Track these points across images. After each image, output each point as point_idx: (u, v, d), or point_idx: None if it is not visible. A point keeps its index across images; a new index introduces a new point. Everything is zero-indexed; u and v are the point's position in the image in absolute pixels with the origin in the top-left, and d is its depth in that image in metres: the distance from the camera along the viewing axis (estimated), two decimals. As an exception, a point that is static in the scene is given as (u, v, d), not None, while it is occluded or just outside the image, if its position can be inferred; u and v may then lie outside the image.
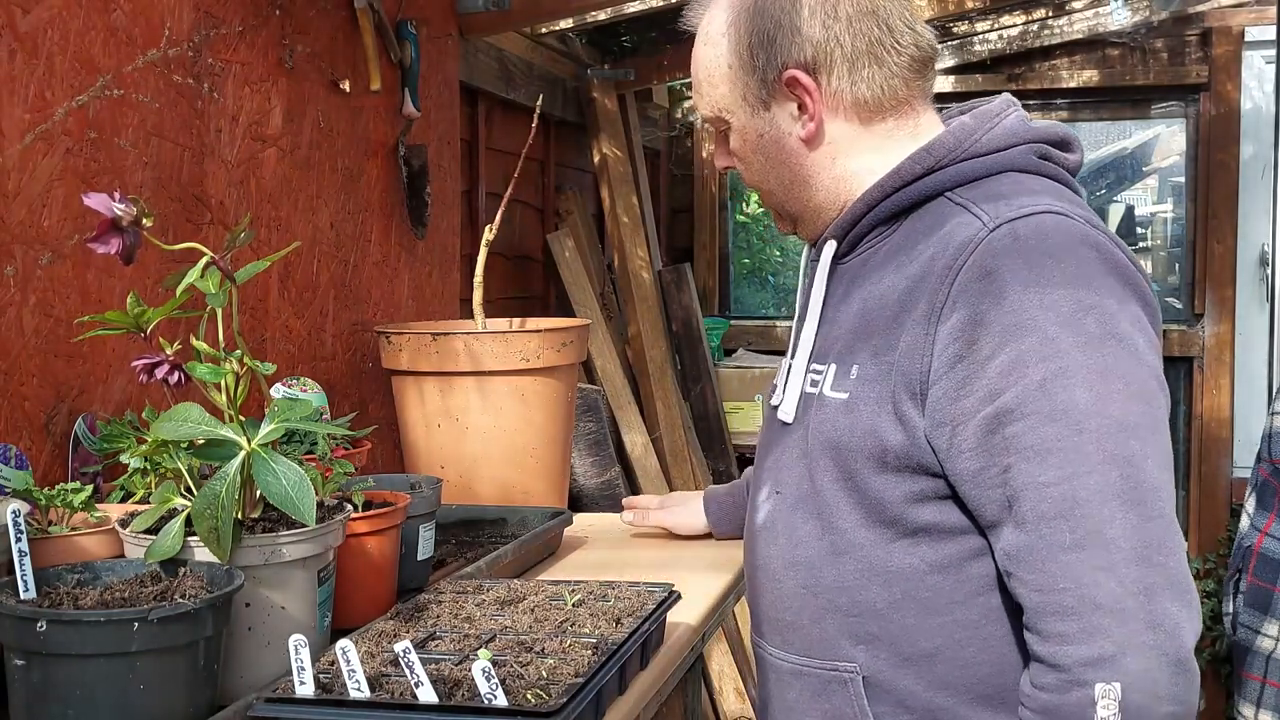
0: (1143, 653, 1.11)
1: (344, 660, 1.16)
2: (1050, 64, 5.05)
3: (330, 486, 1.47)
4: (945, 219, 1.29)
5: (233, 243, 1.31)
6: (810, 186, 1.41)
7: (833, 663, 1.34)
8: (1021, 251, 1.21)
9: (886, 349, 1.27)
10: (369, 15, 2.53)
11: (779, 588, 1.40)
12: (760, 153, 1.42)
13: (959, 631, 1.27)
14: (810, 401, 1.38)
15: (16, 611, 1.10)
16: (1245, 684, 3.37)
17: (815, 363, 1.39)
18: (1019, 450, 1.16)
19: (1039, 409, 1.16)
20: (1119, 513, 1.13)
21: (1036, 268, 1.19)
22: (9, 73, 1.63)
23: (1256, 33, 4.87)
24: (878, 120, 1.38)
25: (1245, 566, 3.42)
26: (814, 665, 1.37)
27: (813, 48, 1.34)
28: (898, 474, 1.27)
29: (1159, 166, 5.35)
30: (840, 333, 1.37)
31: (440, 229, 2.94)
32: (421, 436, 2.26)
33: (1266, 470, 3.41)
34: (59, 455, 1.70)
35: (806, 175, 1.41)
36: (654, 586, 1.54)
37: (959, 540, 1.27)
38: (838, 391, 1.32)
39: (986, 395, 1.18)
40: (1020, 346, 1.17)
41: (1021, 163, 1.34)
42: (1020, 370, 1.17)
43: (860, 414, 1.29)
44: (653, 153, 4.85)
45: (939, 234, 1.28)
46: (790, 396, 1.41)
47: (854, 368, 1.31)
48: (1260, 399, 4.83)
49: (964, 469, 1.21)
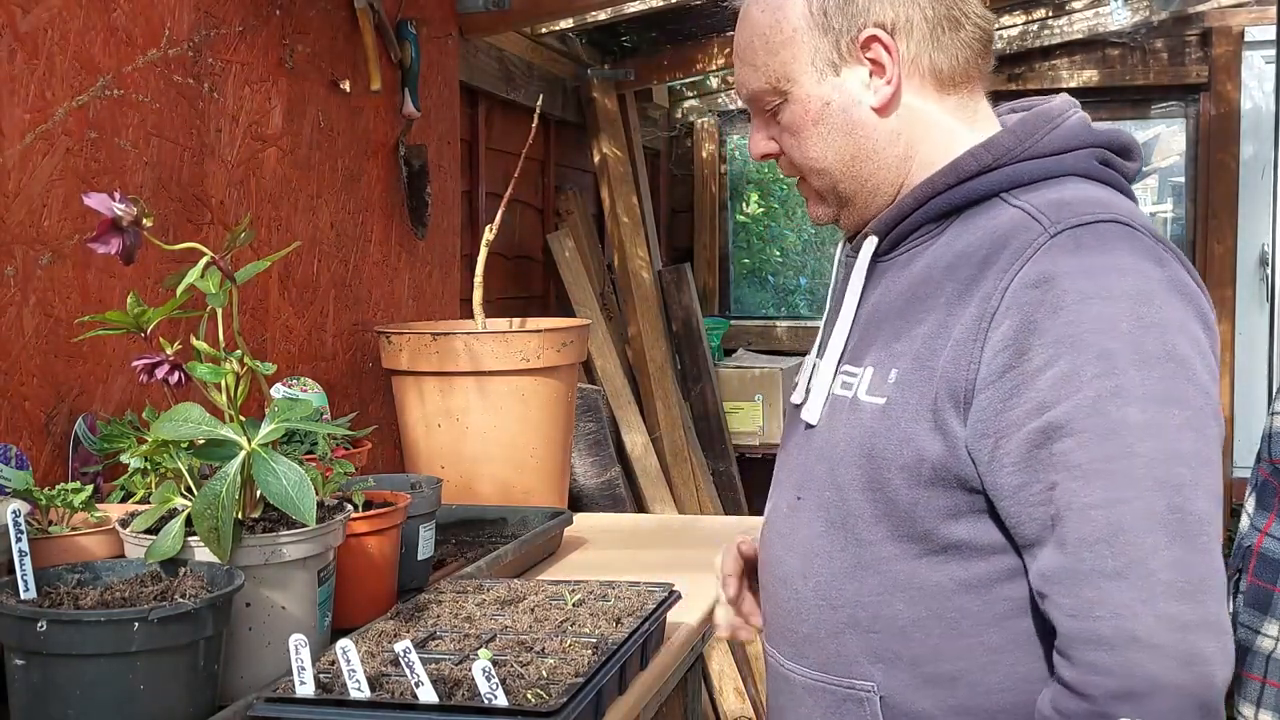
0: (1173, 693, 1.07)
1: (344, 660, 1.16)
2: (1050, 64, 5.05)
3: (330, 486, 1.47)
4: (1000, 221, 1.22)
5: (233, 243, 1.31)
6: (873, 161, 1.31)
7: (849, 680, 1.27)
8: (1082, 260, 1.14)
9: (930, 354, 1.20)
10: (369, 15, 2.53)
11: (796, 598, 1.32)
12: (822, 124, 1.30)
13: (984, 655, 1.21)
14: (841, 405, 1.30)
15: (17, 611, 1.10)
16: (1245, 684, 3.37)
17: (848, 364, 1.32)
18: (1066, 468, 1.11)
19: (1090, 426, 1.10)
20: (1164, 543, 1.08)
21: (1098, 279, 1.13)
22: (9, 73, 1.63)
23: (1256, 33, 4.88)
24: (950, 94, 1.31)
25: (1245, 566, 3.41)
26: (829, 681, 1.30)
27: (893, 9, 1.26)
28: (932, 487, 1.20)
29: (1159, 166, 5.35)
30: (878, 335, 1.29)
31: (440, 229, 2.94)
32: (421, 436, 2.26)
33: (1266, 470, 3.41)
34: (59, 455, 1.70)
35: (872, 149, 1.31)
36: (654, 586, 1.54)
37: (990, 560, 1.20)
38: (874, 396, 1.25)
39: (1035, 408, 1.12)
40: (1075, 360, 1.11)
41: (1083, 167, 1.27)
42: (1073, 384, 1.11)
43: (898, 421, 1.22)
44: (653, 153, 4.86)
45: (994, 236, 1.21)
46: (816, 398, 1.33)
47: (893, 372, 1.24)
48: (1260, 399, 4.83)
49: (1005, 484, 1.15)
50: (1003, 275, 1.16)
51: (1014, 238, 1.18)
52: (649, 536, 2.19)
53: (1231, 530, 4.65)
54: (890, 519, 1.23)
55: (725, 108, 5.53)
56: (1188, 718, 1.07)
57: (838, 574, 1.28)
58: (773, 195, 5.75)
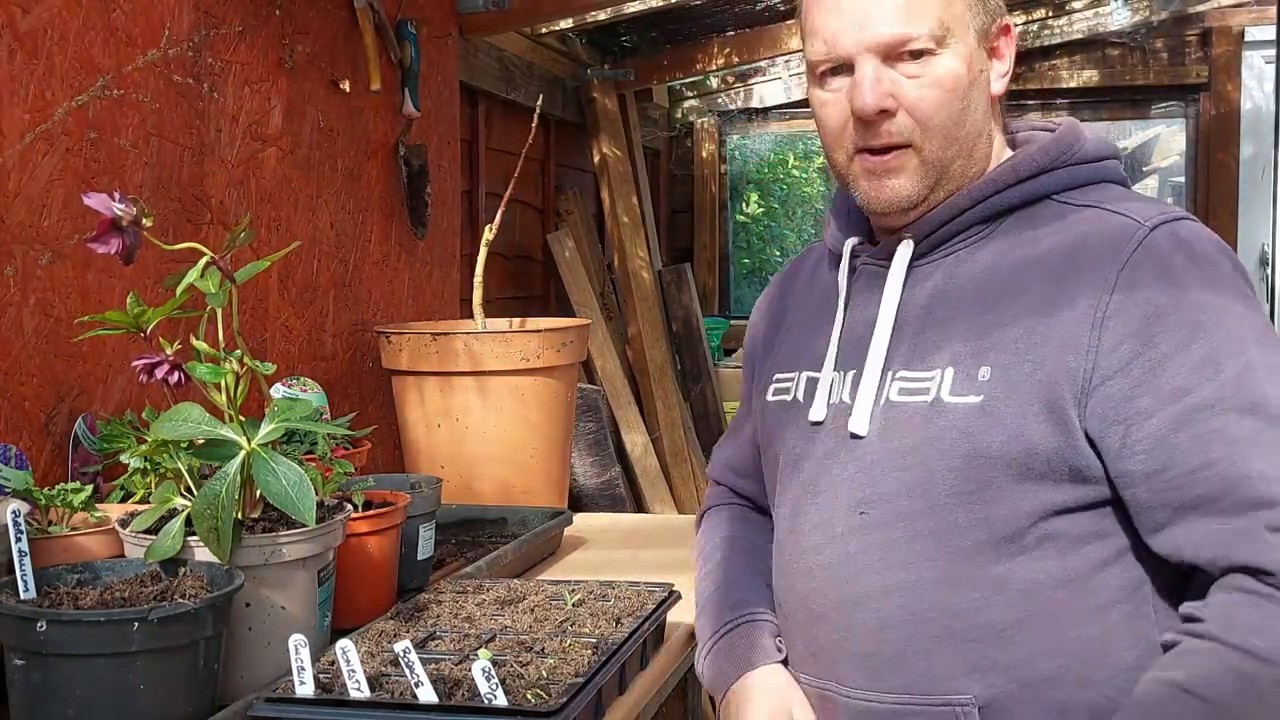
0: None
1: (344, 660, 1.16)
2: (1050, 64, 5.05)
3: (330, 486, 1.47)
4: (1085, 218, 1.27)
5: (233, 243, 1.31)
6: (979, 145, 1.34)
7: (943, 697, 1.23)
8: (1187, 253, 1.22)
9: (1032, 347, 1.22)
10: (369, 15, 2.53)
11: (876, 618, 1.26)
12: (971, 89, 1.31)
13: (1082, 649, 1.21)
14: (905, 411, 1.28)
15: (16, 611, 1.10)
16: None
17: (907, 370, 1.30)
18: (1223, 443, 1.14)
19: (1236, 404, 1.15)
20: None
21: (1206, 269, 1.22)
22: (9, 73, 1.63)
23: (1256, 33, 4.88)
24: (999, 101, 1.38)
25: (1245, 566, 3.42)
26: (919, 703, 1.24)
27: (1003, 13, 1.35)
28: (1042, 480, 1.21)
29: (1159, 166, 5.35)
30: (946, 336, 1.28)
31: (440, 229, 2.94)
32: (421, 436, 2.26)
33: (1266, 470, 3.41)
34: (59, 455, 1.70)
35: (981, 132, 1.34)
36: (654, 586, 1.54)
37: (1085, 551, 1.21)
38: (964, 396, 1.24)
39: (1174, 392, 1.16)
40: (1211, 342, 1.17)
41: (1118, 174, 1.34)
42: (1214, 366, 1.16)
43: (1001, 417, 1.22)
44: (653, 153, 4.86)
45: (1083, 233, 1.25)
46: (862, 409, 1.31)
47: (983, 369, 1.24)
48: (1260, 399, 4.83)
49: (1138, 469, 1.17)
50: (1112, 265, 1.21)
51: (1110, 231, 1.24)
52: (649, 536, 2.18)
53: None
54: (987, 521, 1.22)
55: (725, 108, 5.53)
56: None
57: (928, 585, 1.24)
58: (773, 195, 5.76)
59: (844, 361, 1.37)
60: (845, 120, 1.31)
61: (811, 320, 1.46)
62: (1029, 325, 1.23)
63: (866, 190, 1.33)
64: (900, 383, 1.30)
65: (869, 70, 1.27)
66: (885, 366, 1.32)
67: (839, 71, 1.30)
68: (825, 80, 1.32)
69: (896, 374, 1.31)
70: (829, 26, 1.29)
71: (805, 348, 1.44)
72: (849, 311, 1.39)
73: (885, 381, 1.31)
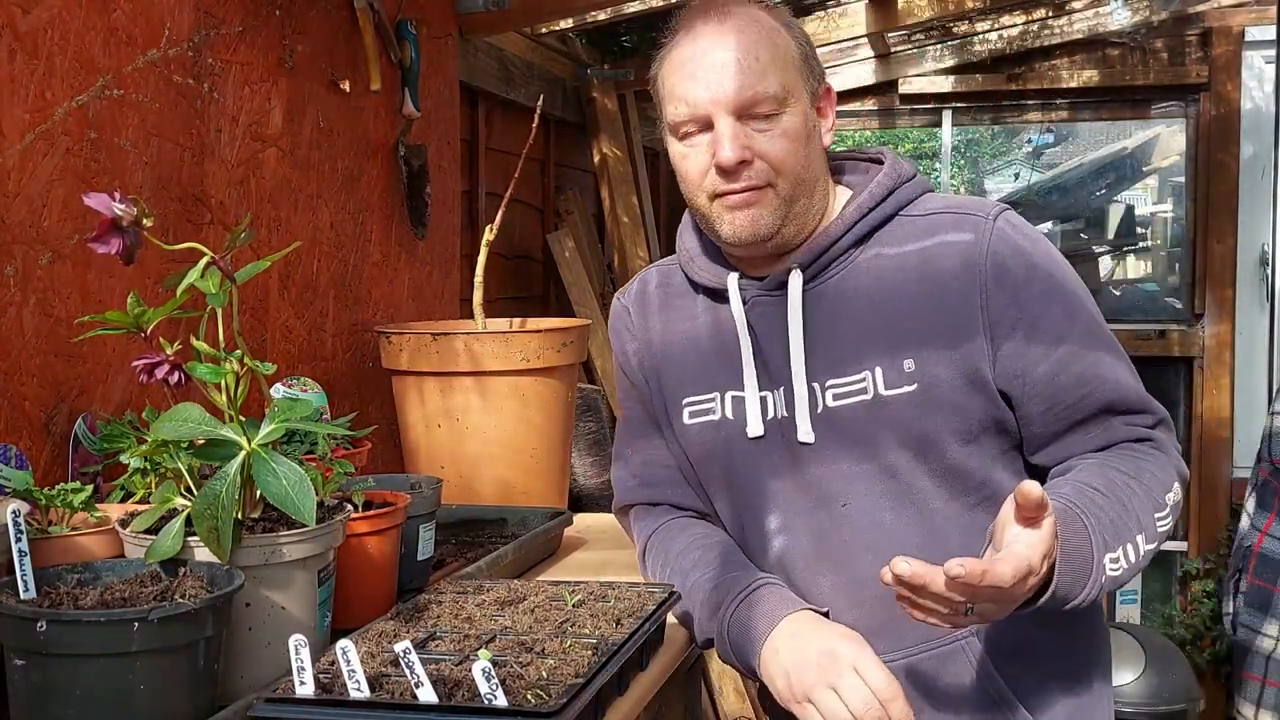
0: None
1: (344, 660, 1.16)
2: (1050, 64, 5.05)
3: (330, 486, 1.47)
4: (934, 223, 1.53)
5: (233, 243, 1.31)
6: (818, 187, 1.57)
7: (950, 636, 1.48)
8: (1023, 233, 1.52)
9: (940, 333, 1.47)
10: (369, 15, 2.53)
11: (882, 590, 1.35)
12: (809, 141, 1.53)
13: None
14: (844, 413, 1.50)
15: (16, 611, 1.10)
16: (1245, 684, 3.37)
17: (833, 378, 1.51)
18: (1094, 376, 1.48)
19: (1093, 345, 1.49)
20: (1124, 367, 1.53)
21: (1038, 244, 1.52)
22: (9, 73, 1.63)
23: (1256, 33, 4.88)
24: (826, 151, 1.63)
25: (1245, 566, 3.42)
26: (931, 649, 1.49)
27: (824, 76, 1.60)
28: (979, 439, 1.49)
29: (1159, 166, 5.35)
30: (858, 344, 1.50)
31: (440, 229, 2.94)
32: (421, 436, 2.26)
33: (1266, 470, 3.41)
34: (59, 455, 1.70)
35: (819, 177, 1.57)
36: (654, 587, 1.54)
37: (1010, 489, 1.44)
38: (899, 388, 1.48)
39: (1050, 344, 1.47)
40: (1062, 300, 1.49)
41: (929, 184, 1.62)
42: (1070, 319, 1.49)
43: (939, 397, 1.47)
44: (653, 153, 4.86)
45: (934, 234, 1.52)
46: (802, 420, 1.52)
47: (906, 362, 1.48)
48: (1260, 399, 4.83)
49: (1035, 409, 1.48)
50: (976, 255, 1.48)
51: (966, 230, 1.50)
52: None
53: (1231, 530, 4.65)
54: (946, 485, 1.49)
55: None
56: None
57: (919, 547, 1.43)
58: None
59: (767, 382, 1.56)
60: (706, 169, 1.51)
61: (704, 346, 1.62)
62: (929, 318, 1.48)
63: (731, 223, 1.52)
64: (832, 390, 1.51)
65: (727, 127, 1.48)
66: (809, 379, 1.52)
67: (698, 130, 1.50)
68: (687, 137, 1.52)
69: (825, 384, 1.52)
70: (689, 91, 1.49)
71: (713, 371, 1.60)
72: (754, 337, 1.56)
73: (814, 393, 1.52)
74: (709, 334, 1.63)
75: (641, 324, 1.71)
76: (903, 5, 4.50)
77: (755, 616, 1.47)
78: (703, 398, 1.61)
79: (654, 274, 1.75)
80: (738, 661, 1.51)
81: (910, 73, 5.06)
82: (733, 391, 1.59)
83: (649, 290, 1.72)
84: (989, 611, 1.29)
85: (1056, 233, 5.52)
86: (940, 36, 5.03)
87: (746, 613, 1.48)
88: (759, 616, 1.47)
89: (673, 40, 1.56)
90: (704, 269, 1.63)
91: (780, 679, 1.42)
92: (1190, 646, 4.69)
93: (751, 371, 1.57)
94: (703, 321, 1.64)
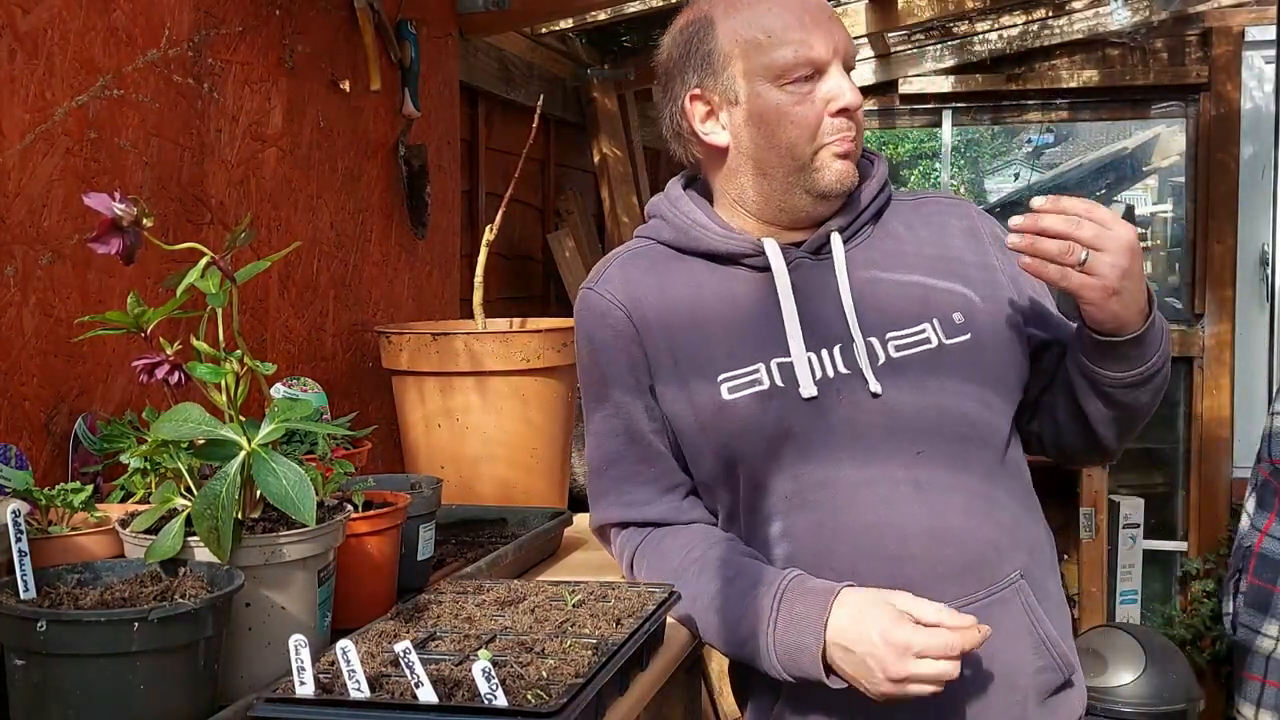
0: None
1: (344, 660, 1.16)
2: (1050, 64, 5.04)
3: (330, 486, 1.47)
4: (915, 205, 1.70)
5: (233, 243, 1.31)
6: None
7: (1006, 578, 1.55)
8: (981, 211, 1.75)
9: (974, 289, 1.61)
10: (369, 15, 2.53)
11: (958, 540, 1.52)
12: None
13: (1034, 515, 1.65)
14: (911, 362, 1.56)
15: (16, 611, 1.10)
16: (1245, 684, 3.37)
17: (891, 330, 1.57)
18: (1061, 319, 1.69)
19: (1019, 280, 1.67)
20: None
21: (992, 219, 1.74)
22: (9, 73, 1.63)
23: (1256, 33, 4.88)
24: None
25: (1245, 566, 3.42)
26: (995, 590, 1.54)
27: None
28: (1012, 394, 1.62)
29: (1159, 166, 5.35)
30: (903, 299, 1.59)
31: (440, 229, 2.94)
32: (421, 436, 2.26)
33: (1266, 470, 3.41)
34: (59, 455, 1.70)
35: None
36: (654, 587, 1.54)
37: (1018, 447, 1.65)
38: (957, 337, 1.58)
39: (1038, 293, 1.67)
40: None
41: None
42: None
43: (990, 347, 1.59)
44: (653, 153, 4.85)
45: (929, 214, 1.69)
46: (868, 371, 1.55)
47: (956, 315, 1.58)
48: (1260, 399, 4.83)
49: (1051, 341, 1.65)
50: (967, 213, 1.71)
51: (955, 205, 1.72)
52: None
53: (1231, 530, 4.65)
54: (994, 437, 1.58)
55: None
56: None
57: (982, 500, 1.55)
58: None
59: (815, 343, 1.56)
60: (820, 117, 1.56)
61: (728, 315, 1.59)
62: (960, 276, 1.62)
63: (839, 170, 1.58)
64: (894, 341, 1.57)
65: (844, 75, 1.58)
66: (864, 333, 1.57)
67: (807, 77, 1.55)
68: (795, 83, 1.56)
69: (885, 338, 1.57)
70: (808, 36, 1.55)
71: (753, 342, 1.57)
72: (798, 300, 1.58)
73: (873, 347, 1.57)
74: (729, 303, 1.60)
75: (637, 309, 1.62)
76: (903, 5, 4.50)
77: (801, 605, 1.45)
78: (744, 370, 1.56)
79: (631, 257, 1.68)
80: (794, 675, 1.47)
81: (910, 73, 5.06)
82: (778, 358, 1.56)
83: (630, 271, 1.66)
84: (1101, 264, 1.42)
85: (1056, 233, 5.52)
86: (940, 36, 5.03)
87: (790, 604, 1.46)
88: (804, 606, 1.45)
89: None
90: (724, 236, 1.62)
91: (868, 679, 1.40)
92: (1190, 646, 4.69)
93: (798, 334, 1.56)
94: (713, 291, 1.61)
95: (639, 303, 1.62)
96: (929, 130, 5.52)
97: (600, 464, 1.69)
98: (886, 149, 6.72)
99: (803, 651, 1.43)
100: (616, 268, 1.67)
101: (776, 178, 1.59)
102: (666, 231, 1.66)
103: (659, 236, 1.67)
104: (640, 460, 1.64)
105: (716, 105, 1.61)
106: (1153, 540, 4.93)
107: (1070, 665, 1.59)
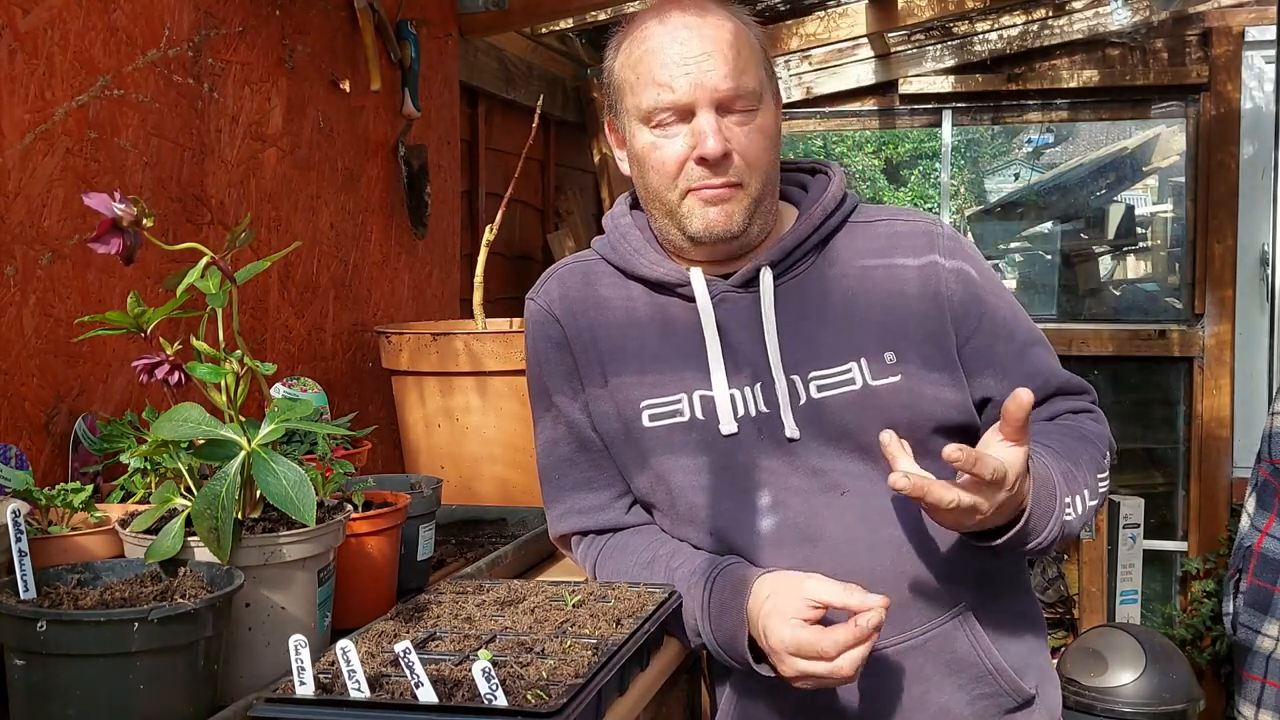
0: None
1: (344, 660, 1.16)
2: (1050, 64, 5.04)
3: (330, 486, 1.47)
4: (872, 231, 1.60)
5: (233, 243, 1.31)
6: (777, 187, 1.61)
7: (947, 613, 1.51)
8: (958, 238, 1.62)
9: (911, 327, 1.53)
10: (369, 15, 2.53)
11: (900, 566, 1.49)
12: (771, 139, 1.54)
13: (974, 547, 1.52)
14: (830, 404, 1.50)
15: (16, 611, 1.10)
16: (1245, 684, 3.37)
17: (814, 368, 1.52)
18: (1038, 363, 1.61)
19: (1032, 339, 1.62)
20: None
21: (970, 248, 1.63)
22: (9, 73, 1.63)
23: (1256, 33, 4.87)
24: None
25: (1245, 566, 3.41)
26: (936, 624, 1.51)
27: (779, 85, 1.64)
28: (951, 431, 1.52)
29: (1159, 166, 5.35)
30: (835, 336, 1.53)
31: (440, 229, 2.94)
32: (421, 436, 2.26)
33: (1266, 470, 3.41)
34: (59, 455, 1.70)
35: (777, 177, 1.60)
36: (654, 587, 1.54)
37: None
38: (885, 378, 1.51)
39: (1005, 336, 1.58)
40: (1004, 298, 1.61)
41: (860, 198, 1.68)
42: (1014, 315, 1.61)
43: (923, 388, 1.51)
44: (653, 153, 4.85)
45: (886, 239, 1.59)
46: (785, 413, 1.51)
47: (888, 354, 1.52)
48: (1260, 399, 4.83)
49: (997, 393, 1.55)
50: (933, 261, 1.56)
51: (914, 234, 1.59)
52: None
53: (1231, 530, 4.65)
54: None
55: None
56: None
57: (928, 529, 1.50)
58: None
59: (737, 379, 1.53)
60: (683, 161, 1.50)
61: (656, 344, 1.57)
62: (900, 311, 1.54)
63: (704, 218, 1.52)
64: (816, 381, 1.52)
65: (711, 119, 1.48)
66: (786, 373, 1.52)
67: (675, 119, 1.50)
68: (661, 126, 1.51)
69: (807, 376, 1.52)
70: (672, 78, 1.48)
71: (675, 370, 1.56)
72: (721, 334, 1.54)
73: (795, 385, 1.52)
74: (660, 331, 1.58)
75: (571, 322, 1.63)
76: (903, 5, 4.50)
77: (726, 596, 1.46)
78: (667, 399, 1.56)
79: (572, 270, 1.69)
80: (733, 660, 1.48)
81: (910, 73, 5.06)
82: (700, 390, 1.55)
83: (568, 284, 1.66)
84: (978, 507, 1.36)
85: (1057, 232, 5.52)
86: (940, 36, 5.02)
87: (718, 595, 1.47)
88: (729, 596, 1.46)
89: (640, 28, 1.53)
90: (655, 263, 1.60)
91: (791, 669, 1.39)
92: (1190, 646, 4.68)
93: (720, 369, 1.53)
94: (647, 317, 1.60)
95: (575, 317, 1.63)
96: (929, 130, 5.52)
97: (552, 471, 1.69)
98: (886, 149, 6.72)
99: (735, 641, 1.45)
100: (555, 280, 1.69)
101: (657, 217, 1.59)
102: (610, 253, 1.66)
103: (605, 255, 1.67)
104: (592, 466, 1.65)
105: (619, 138, 1.63)
106: (1153, 540, 4.93)
107: (1021, 691, 1.55)
